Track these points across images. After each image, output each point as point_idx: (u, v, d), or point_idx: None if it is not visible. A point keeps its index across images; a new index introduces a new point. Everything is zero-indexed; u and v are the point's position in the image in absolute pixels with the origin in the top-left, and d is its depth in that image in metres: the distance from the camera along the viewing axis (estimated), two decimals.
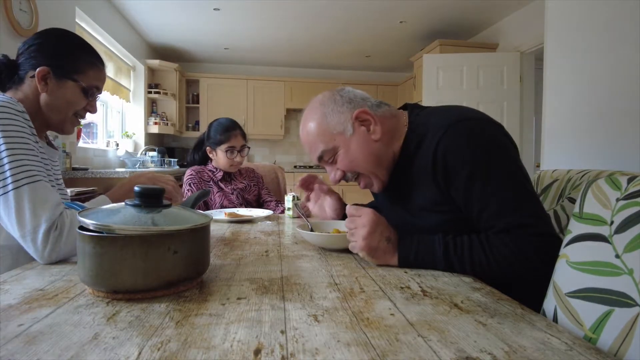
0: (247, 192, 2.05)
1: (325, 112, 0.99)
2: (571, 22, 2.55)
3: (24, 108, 0.92)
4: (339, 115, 0.98)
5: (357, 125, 0.98)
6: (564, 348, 0.48)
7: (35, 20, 2.51)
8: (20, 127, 0.88)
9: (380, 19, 4.24)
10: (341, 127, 0.98)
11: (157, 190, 0.70)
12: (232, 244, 1.07)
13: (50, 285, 0.69)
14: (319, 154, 1.01)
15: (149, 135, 5.16)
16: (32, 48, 1.00)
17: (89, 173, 2.86)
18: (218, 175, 1.98)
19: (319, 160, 1.03)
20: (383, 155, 0.99)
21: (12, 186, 0.82)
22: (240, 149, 1.95)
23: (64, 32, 1.06)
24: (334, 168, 1.03)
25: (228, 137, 1.91)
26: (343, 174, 1.02)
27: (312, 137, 1.01)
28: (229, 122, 1.98)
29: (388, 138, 0.99)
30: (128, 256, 0.61)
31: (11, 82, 1.00)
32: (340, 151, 0.99)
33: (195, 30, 4.63)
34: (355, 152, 0.98)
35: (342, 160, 0.99)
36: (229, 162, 1.92)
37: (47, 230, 0.81)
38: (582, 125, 2.46)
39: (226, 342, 0.48)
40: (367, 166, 0.99)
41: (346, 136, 0.98)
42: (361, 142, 0.97)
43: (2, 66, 0.99)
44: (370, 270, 0.82)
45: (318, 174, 1.31)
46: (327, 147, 0.99)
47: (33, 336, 0.49)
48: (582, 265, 0.68)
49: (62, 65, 0.99)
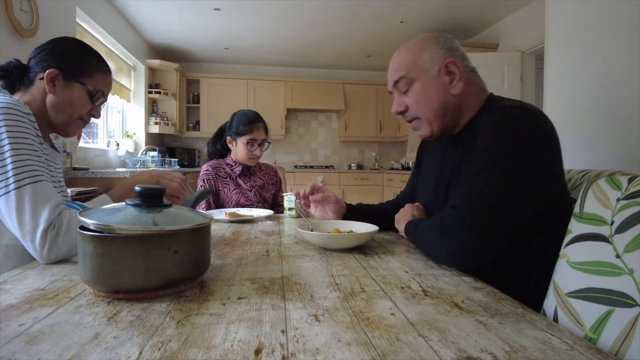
0: (265, 190, 2.03)
1: (423, 46, 1.02)
2: (572, 22, 2.55)
3: (30, 110, 0.94)
4: (433, 54, 1.01)
5: (443, 72, 1.00)
6: (565, 348, 0.48)
7: (35, 20, 2.51)
8: (26, 128, 0.89)
9: (381, 19, 4.24)
10: (429, 64, 1.00)
11: (158, 190, 0.70)
12: (232, 244, 1.07)
13: (51, 285, 0.69)
14: (396, 78, 1.04)
15: (149, 135, 5.16)
16: (44, 52, 1.04)
17: (90, 173, 2.86)
18: (237, 170, 1.96)
19: (394, 84, 1.06)
20: (450, 111, 1.01)
21: (14, 185, 0.83)
22: (261, 142, 1.93)
23: (76, 40, 1.11)
24: (401, 99, 1.06)
25: (251, 129, 1.90)
26: (405, 109, 1.05)
27: (400, 60, 1.04)
28: (253, 114, 1.97)
29: (463, 100, 1.02)
30: (129, 256, 0.61)
31: (20, 84, 1.03)
32: (415, 84, 1.01)
33: (195, 30, 4.63)
34: (429, 93, 1.00)
35: (413, 95, 1.02)
36: (248, 154, 1.91)
37: (45, 230, 0.81)
38: (582, 125, 2.46)
39: (227, 341, 0.48)
40: (431, 112, 1.01)
41: (429, 75, 1.00)
42: (438, 88, 1.00)
43: (13, 68, 1.02)
44: (370, 270, 0.82)
45: (321, 185, 1.32)
46: (408, 75, 1.02)
47: (34, 336, 0.49)
48: (583, 265, 0.68)
49: (71, 68, 1.03)
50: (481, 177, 0.85)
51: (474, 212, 0.82)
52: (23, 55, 1.09)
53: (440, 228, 0.85)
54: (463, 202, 0.84)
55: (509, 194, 0.83)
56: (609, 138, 2.29)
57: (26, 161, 0.85)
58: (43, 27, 2.60)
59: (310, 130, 6.41)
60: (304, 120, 6.38)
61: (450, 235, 0.82)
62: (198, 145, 6.05)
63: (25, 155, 0.86)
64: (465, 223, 0.81)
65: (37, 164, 0.88)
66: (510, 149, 0.85)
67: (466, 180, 0.88)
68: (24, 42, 2.40)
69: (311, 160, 6.41)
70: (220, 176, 1.95)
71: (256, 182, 2.00)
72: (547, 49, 2.77)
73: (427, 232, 0.90)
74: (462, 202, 0.85)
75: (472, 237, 0.80)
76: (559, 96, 2.65)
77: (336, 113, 6.31)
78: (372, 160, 6.42)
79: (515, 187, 0.84)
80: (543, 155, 0.86)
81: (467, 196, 0.85)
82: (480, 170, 0.86)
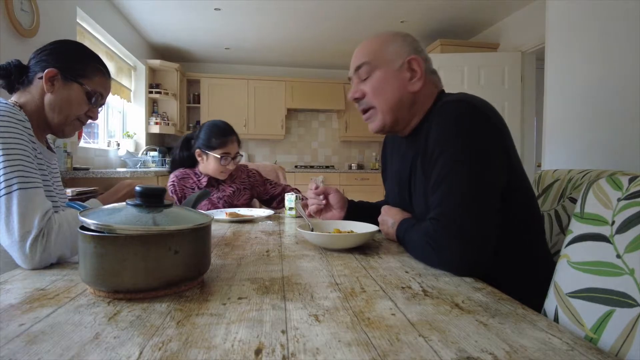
0: (236, 198, 1.91)
1: (391, 39, 1.05)
2: (572, 22, 2.55)
3: (24, 116, 0.95)
4: (399, 48, 1.03)
5: (405, 67, 1.02)
6: (565, 348, 0.48)
7: (36, 20, 2.51)
8: (19, 134, 0.89)
9: (381, 19, 4.24)
10: (394, 57, 1.02)
11: (158, 190, 0.70)
12: (233, 244, 1.07)
13: (52, 285, 0.69)
14: (359, 63, 1.05)
15: (149, 135, 5.16)
16: (44, 52, 1.04)
17: (90, 173, 2.86)
18: (203, 181, 1.85)
19: (356, 70, 1.06)
20: (404, 107, 1.03)
21: (4, 191, 0.82)
22: (234, 156, 1.83)
23: (77, 42, 1.12)
24: (359, 86, 1.06)
25: (225, 142, 1.79)
26: (362, 96, 1.06)
27: (367, 48, 1.06)
28: (225, 126, 1.85)
29: (418, 99, 1.03)
30: (129, 256, 0.61)
31: (20, 84, 1.03)
32: (376, 73, 1.03)
33: (196, 30, 4.63)
34: (387, 84, 1.02)
35: (372, 83, 1.03)
36: (220, 168, 1.80)
37: (35, 238, 0.80)
38: (583, 125, 2.46)
39: (227, 341, 0.48)
40: (386, 103, 1.03)
41: (391, 67, 1.02)
42: (397, 82, 1.02)
43: (13, 68, 1.02)
44: (371, 270, 0.82)
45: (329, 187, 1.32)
46: (371, 62, 1.03)
47: (34, 336, 0.49)
48: (583, 265, 0.68)
49: (70, 68, 1.04)
50: (449, 181, 0.86)
51: (456, 222, 0.82)
52: (23, 55, 1.09)
53: (429, 242, 0.85)
54: (443, 212, 0.85)
55: (483, 190, 0.85)
56: (610, 138, 2.29)
57: (17, 167, 0.85)
58: (43, 27, 2.60)
59: (310, 130, 6.41)
60: (305, 120, 6.38)
61: (441, 247, 0.82)
62: None
63: (17, 161, 0.86)
64: (452, 234, 0.82)
65: (28, 170, 0.87)
66: (464, 145, 0.87)
67: (436, 187, 0.88)
68: (24, 42, 2.40)
69: (311, 160, 6.41)
70: (186, 187, 1.84)
71: (225, 191, 1.88)
72: (547, 48, 2.77)
73: (418, 246, 0.90)
74: (442, 212, 0.85)
75: (462, 247, 0.80)
76: (559, 96, 2.65)
77: (336, 113, 6.32)
78: (372, 160, 6.42)
79: (485, 181, 0.86)
80: (492, 137, 0.89)
81: (444, 205, 0.85)
82: (447, 175, 0.87)
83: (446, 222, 0.83)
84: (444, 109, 0.93)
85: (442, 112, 0.93)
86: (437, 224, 0.85)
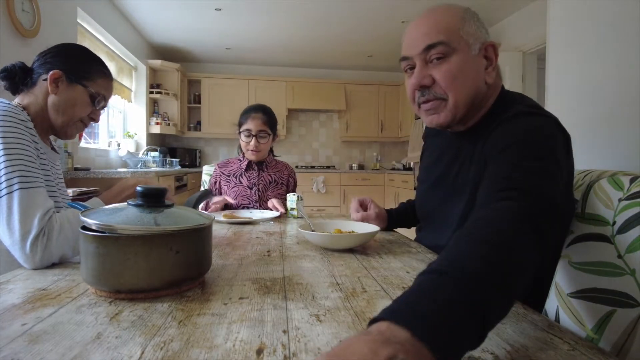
0: (270, 189, 1.92)
1: (466, 16, 0.87)
2: (574, 22, 2.55)
3: (27, 116, 0.96)
4: (475, 29, 0.87)
5: (481, 54, 0.87)
6: (567, 348, 0.48)
7: (37, 20, 2.51)
8: (21, 134, 0.90)
9: (383, 19, 4.24)
10: (472, 39, 0.86)
11: (159, 190, 0.70)
12: (234, 244, 1.07)
13: (53, 285, 0.69)
14: (433, 41, 0.85)
15: (150, 135, 5.16)
16: (49, 55, 1.06)
17: (91, 173, 2.87)
18: (243, 165, 1.90)
19: (426, 49, 0.86)
20: (477, 101, 0.89)
21: (6, 191, 0.83)
22: (256, 133, 1.83)
23: (81, 46, 1.15)
24: (426, 71, 0.87)
25: (246, 118, 1.85)
26: (431, 83, 0.87)
27: (439, 23, 0.86)
28: (254, 105, 1.92)
29: (487, 92, 0.90)
30: (130, 256, 0.61)
31: (24, 85, 1.05)
32: (454, 57, 0.85)
33: (196, 30, 4.63)
34: (466, 72, 0.85)
35: (449, 69, 0.85)
36: (246, 146, 1.85)
37: (36, 237, 0.81)
38: (584, 125, 2.46)
39: (228, 341, 0.48)
40: (462, 95, 0.86)
41: (469, 51, 0.86)
42: (475, 70, 0.87)
43: (18, 70, 1.04)
44: (372, 270, 0.82)
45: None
46: (449, 41, 0.84)
47: (36, 335, 0.49)
48: (584, 265, 0.68)
49: (75, 70, 1.06)
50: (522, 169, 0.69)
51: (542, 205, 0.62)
52: (25, 56, 1.10)
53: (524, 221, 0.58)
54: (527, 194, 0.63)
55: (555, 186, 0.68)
56: (611, 138, 2.29)
57: (19, 166, 0.86)
58: (44, 28, 2.60)
59: (311, 130, 6.41)
60: (305, 121, 6.38)
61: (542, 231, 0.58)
62: (199, 145, 6.05)
63: (19, 161, 0.87)
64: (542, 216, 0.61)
65: (30, 170, 0.88)
66: (537, 145, 0.73)
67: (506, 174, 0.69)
68: (25, 42, 2.40)
69: (312, 160, 6.41)
70: (224, 174, 1.91)
71: (263, 179, 1.91)
72: (548, 48, 2.77)
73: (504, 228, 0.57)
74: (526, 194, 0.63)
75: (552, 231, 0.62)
76: (561, 96, 2.65)
77: (337, 113, 6.31)
78: (373, 160, 6.42)
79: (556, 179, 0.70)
80: (561, 156, 0.75)
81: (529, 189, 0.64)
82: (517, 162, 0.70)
83: (546, 205, 0.62)
84: (520, 121, 0.79)
85: (520, 126, 0.77)
86: (534, 208, 0.61)
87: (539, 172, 0.67)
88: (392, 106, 6.12)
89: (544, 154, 0.70)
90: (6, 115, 0.89)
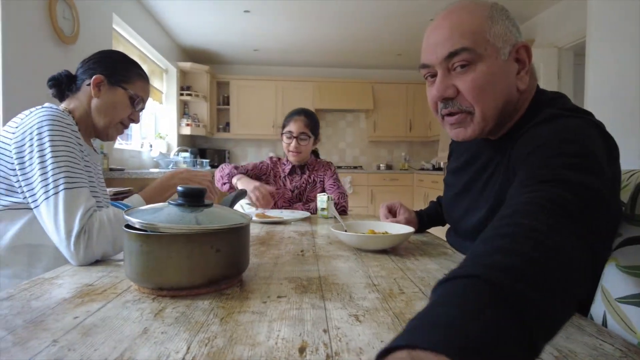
0: (311, 190, 1.94)
1: (493, 15, 0.77)
2: (616, 16, 2.44)
3: (72, 120, 1.02)
4: (504, 30, 0.76)
5: (512, 57, 0.77)
6: (619, 355, 0.46)
7: (76, 27, 2.62)
8: (67, 137, 0.96)
9: (412, 17, 4.19)
10: (500, 43, 0.75)
11: (200, 190, 0.72)
12: (267, 243, 1.08)
13: (99, 281, 0.72)
14: (456, 48, 0.75)
15: (181, 136, 5.29)
16: (91, 61, 1.13)
17: (125, 173, 2.96)
18: (287, 168, 1.94)
19: (448, 57, 0.77)
20: (508, 110, 0.79)
21: (53, 192, 0.88)
22: (297, 135, 1.87)
23: (119, 51, 1.21)
24: (449, 80, 0.78)
25: (289, 121, 1.91)
26: (455, 95, 0.78)
27: (464, 25, 0.76)
28: (297, 108, 1.98)
29: (520, 98, 0.80)
30: (173, 254, 0.63)
31: (69, 91, 1.12)
32: (481, 65, 0.75)
33: (225, 32, 4.71)
34: (494, 82, 0.75)
35: (475, 78, 0.75)
36: (286, 147, 1.90)
37: (78, 236, 0.85)
38: (629, 122, 2.35)
39: (271, 339, 0.49)
40: (490, 108, 0.77)
41: (498, 57, 0.75)
42: (506, 78, 0.76)
43: (64, 78, 1.11)
44: (408, 271, 0.82)
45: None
46: (474, 47, 0.74)
47: (88, 328, 0.51)
48: (634, 269, 0.65)
49: (115, 74, 1.12)
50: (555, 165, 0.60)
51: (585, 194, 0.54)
52: (66, 62, 1.17)
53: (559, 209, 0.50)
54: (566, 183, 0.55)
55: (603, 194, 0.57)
56: None
57: (64, 167, 0.91)
58: (83, 34, 2.71)
59: (338, 130, 6.40)
60: (332, 121, 6.38)
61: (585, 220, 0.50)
62: (228, 146, 6.15)
63: (64, 162, 0.92)
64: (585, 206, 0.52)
65: (75, 171, 0.93)
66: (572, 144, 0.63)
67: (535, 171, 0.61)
68: (66, 48, 2.51)
69: (339, 160, 6.40)
70: (273, 171, 1.95)
71: (304, 181, 1.93)
72: (588, 44, 2.67)
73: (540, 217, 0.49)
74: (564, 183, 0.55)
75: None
76: (602, 92, 2.54)
77: (365, 113, 6.28)
78: (401, 160, 6.35)
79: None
80: (602, 159, 0.64)
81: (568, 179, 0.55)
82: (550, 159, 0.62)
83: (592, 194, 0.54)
84: (551, 123, 0.70)
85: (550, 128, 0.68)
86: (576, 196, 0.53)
87: (578, 165, 0.57)
88: (422, 105, 6.02)
89: (581, 151, 0.60)
90: (54, 119, 0.95)
